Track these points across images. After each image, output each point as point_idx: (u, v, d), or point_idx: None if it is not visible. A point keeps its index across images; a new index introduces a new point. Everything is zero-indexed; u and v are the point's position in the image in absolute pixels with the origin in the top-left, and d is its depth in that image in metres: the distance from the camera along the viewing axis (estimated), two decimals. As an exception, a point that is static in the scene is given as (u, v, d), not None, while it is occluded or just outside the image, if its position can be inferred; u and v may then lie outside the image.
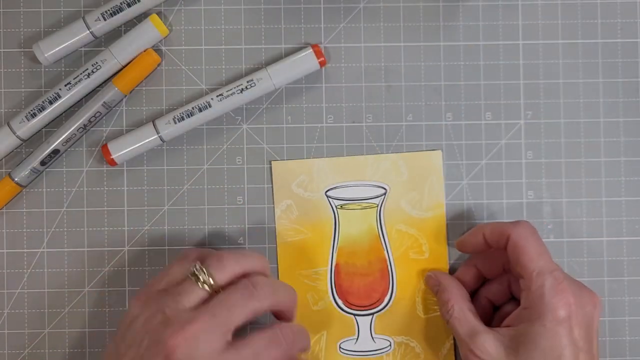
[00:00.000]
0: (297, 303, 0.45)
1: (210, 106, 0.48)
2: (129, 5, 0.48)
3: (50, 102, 0.48)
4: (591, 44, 0.50)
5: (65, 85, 0.48)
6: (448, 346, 0.50)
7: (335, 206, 0.50)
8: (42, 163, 0.48)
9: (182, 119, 0.48)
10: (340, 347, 0.50)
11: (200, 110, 0.48)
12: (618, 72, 0.50)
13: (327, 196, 0.50)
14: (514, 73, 0.50)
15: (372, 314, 0.50)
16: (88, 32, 0.48)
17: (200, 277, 0.42)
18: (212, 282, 0.42)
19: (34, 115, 0.48)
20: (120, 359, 0.42)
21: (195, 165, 0.50)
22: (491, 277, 0.48)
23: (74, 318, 0.49)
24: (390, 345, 0.50)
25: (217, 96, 0.48)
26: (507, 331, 0.43)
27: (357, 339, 0.50)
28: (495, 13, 0.50)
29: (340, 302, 0.50)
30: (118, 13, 0.48)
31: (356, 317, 0.50)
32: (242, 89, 0.48)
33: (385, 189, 0.50)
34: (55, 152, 0.48)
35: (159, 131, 0.48)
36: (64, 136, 0.48)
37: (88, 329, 0.50)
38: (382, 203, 0.50)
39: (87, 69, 0.48)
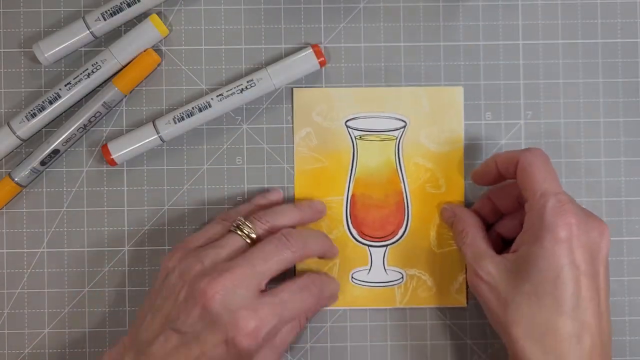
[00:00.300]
0: (331, 243, 0.48)
1: (210, 106, 0.48)
2: (129, 5, 0.48)
3: (50, 102, 0.48)
4: (591, 44, 0.50)
5: (65, 85, 0.48)
6: (460, 280, 0.50)
7: (355, 136, 0.50)
8: (42, 163, 0.48)
9: (182, 119, 0.48)
10: (352, 277, 0.50)
11: (200, 110, 0.48)
12: (618, 72, 0.50)
13: (347, 126, 0.50)
14: (514, 73, 0.50)
15: (386, 245, 0.50)
16: (88, 32, 0.48)
17: (245, 229, 0.45)
18: (253, 234, 0.45)
19: (34, 115, 0.48)
20: (157, 312, 0.43)
21: (195, 165, 0.50)
22: (506, 210, 0.48)
23: (74, 318, 0.49)
24: (402, 277, 0.50)
25: (217, 96, 0.48)
26: (511, 256, 0.43)
27: (369, 269, 0.50)
28: (495, 13, 0.50)
29: (354, 232, 0.50)
30: (118, 13, 0.48)
31: (370, 248, 0.50)
32: (242, 89, 0.48)
33: (405, 122, 0.50)
34: (55, 152, 0.48)
35: (159, 131, 0.48)
36: (64, 136, 0.48)
37: (88, 328, 0.50)
38: (401, 136, 0.50)
39: (87, 69, 0.48)
